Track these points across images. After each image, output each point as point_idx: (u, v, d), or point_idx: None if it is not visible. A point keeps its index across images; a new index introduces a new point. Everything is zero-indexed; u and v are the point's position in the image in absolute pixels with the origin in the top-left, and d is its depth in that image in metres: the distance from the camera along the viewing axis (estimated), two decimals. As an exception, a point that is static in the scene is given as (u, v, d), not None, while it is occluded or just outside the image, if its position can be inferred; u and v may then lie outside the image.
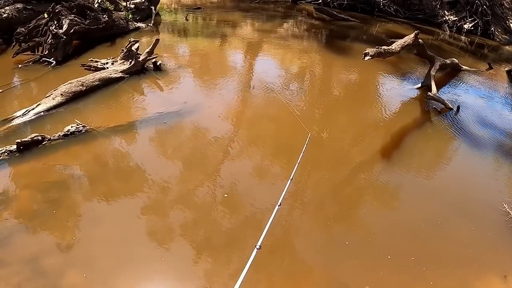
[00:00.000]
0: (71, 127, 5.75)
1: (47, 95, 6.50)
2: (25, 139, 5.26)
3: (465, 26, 15.77)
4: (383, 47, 7.16)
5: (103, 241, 4.16)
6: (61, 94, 6.55)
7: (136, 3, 11.84)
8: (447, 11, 16.41)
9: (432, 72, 8.90)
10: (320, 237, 4.61)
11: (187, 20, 13.14)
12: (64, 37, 8.28)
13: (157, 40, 8.38)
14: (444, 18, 16.23)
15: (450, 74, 10.33)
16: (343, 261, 4.29)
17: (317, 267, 4.20)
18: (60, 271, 3.76)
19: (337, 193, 5.43)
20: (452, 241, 4.75)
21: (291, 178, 4.14)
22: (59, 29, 8.31)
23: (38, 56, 8.17)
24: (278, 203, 3.41)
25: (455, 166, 6.59)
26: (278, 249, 4.27)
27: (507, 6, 16.57)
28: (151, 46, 8.29)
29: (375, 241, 4.59)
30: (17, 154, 5.21)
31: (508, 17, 16.33)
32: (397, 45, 7.73)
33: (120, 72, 7.75)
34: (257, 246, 2.72)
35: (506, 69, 11.52)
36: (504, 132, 7.78)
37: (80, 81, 6.92)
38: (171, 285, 3.91)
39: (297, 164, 4.56)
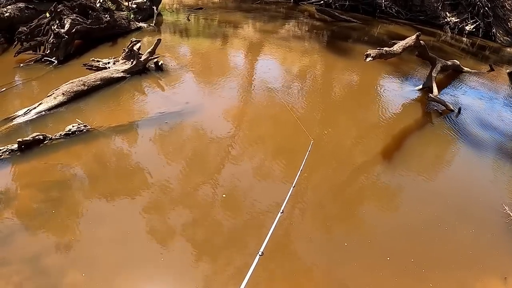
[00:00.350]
0: (73, 126, 5.76)
1: (49, 95, 6.50)
2: (26, 138, 5.26)
3: (467, 28, 15.78)
4: (385, 48, 7.17)
5: (104, 240, 4.17)
6: (63, 94, 6.56)
7: (138, 3, 11.85)
8: (449, 12, 16.42)
9: (434, 74, 8.90)
10: (320, 238, 4.61)
11: (188, 20, 13.15)
12: (66, 36, 8.28)
13: (159, 40, 8.39)
14: (445, 20, 16.24)
15: (452, 75, 10.34)
16: (343, 262, 4.29)
17: (317, 268, 4.21)
18: (60, 270, 3.76)
19: (337, 194, 5.43)
20: (452, 243, 4.75)
21: (293, 185, 4.08)
22: (61, 28, 8.32)
23: (40, 55, 8.17)
24: (281, 210, 3.35)
25: (456, 168, 6.59)
26: (278, 250, 4.27)
27: (509, 8, 16.57)
28: (153, 46, 8.30)
29: (374, 242, 4.59)
30: (18, 153, 5.21)
31: (510, 19, 16.33)
32: (398, 46, 7.73)
33: (122, 72, 7.76)
34: (259, 253, 2.71)
35: (507, 71, 11.52)
36: (505, 134, 7.78)
37: (81, 80, 6.93)
38: (170, 285, 3.91)
39: (299, 171, 4.52)
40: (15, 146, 5.22)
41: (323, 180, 5.62)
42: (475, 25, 15.77)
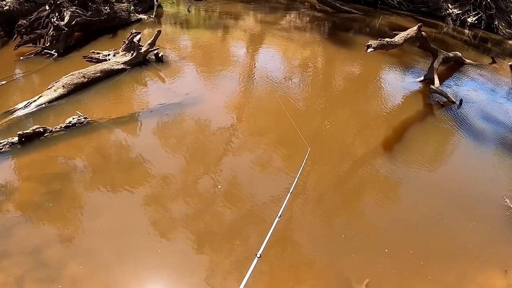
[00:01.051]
0: (73, 118, 5.75)
1: (49, 87, 6.49)
2: (26, 131, 5.26)
3: (469, 20, 15.68)
4: (386, 39, 7.13)
5: (104, 232, 4.18)
6: (63, 86, 6.55)
7: (138, -6, 11.78)
8: (451, 4, 16.31)
9: (435, 65, 8.86)
10: (319, 231, 4.62)
11: (189, 11, 13.08)
12: (66, 29, 8.25)
13: (159, 32, 8.36)
14: (447, 11, 16.14)
15: (453, 67, 10.30)
16: (342, 254, 4.30)
17: (316, 260, 4.21)
18: (61, 262, 3.78)
19: (337, 187, 5.43)
20: (452, 235, 4.76)
21: (290, 192, 4.10)
22: (61, 21, 8.28)
23: (40, 48, 8.15)
24: (278, 215, 3.39)
25: (457, 160, 6.58)
26: (278, 242, 4.28)
27: (511, 0, 16.44)
28: (153, 37, 8.26)
29: (372, 234, 4.59)
30: (18, 146, 5.22)
31: (513, 11, 16.22)
32: (400, 37, 7.69)
33: (122, 63, 7.74)
34: (258, 255, 2.71)
35: (509, 63, 11.47)
36: (507, 126, 7.76)
37: (81, 72, 6.92)
38: (169, 277, 3.92)
39: (296, 178, 4.52)
40: (16, 139, 5.22)
41: (323, 173, 5.62)
42: (477, 17, 15.66)
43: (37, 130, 5.36)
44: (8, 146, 5.16)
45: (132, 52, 7.99)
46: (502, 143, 7.07)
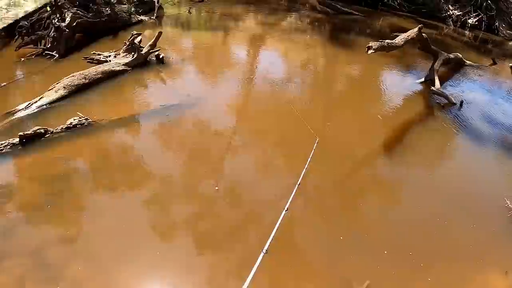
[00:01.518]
0: (74, 120, 5.75)
1: (50, 88, 6.50)
2: (27, 132, 5.27)
3: (469, 21, 15.66)
4: (387, 40, 7.13)
5: (105, 233, 4.18)
6: (64, 87, 6.55)
7: (139, -4, 11.78)
8: (451, 5, 16.29)
9: (436, 67, 8.86)
10: (318, 232, 4.61)
11: (190, 13, 13.08)
12: (67, 30, 8.25)
13: (160, 33, 8.36)
14: (448, 13, 16.11)
15: (454, 69, 10.28)
16: (341, 255, 4.29)
17: (316, 261, 4.22)
18: (61, 263, 3.78)
19: (337, 187, 5.43)
20: (452, 237, 4.75)
21: (298, 184, 4.03)
22: (62, 22, 8.29)
23: (41, 49, 8.15)
24: (285, 208, 3.34)
25: (457, 161, 6.58)
26: (278, 242, 4.26)
27: (512, 1, 16.43)
28: (154, 39, 8.27)
29: (371, 236, 4.58)
30: (19, 147, 5.22)
31: (513, 12, 16.20)
32: (400, 39, 7.69)
33: (123, 65, 7.74)
34: (264, 251, 2.70)
35: (510, 64, 11.45)
36: (507, 128, 7.74)
37: (82, 74, 6.92)
38: (169, 277, 3.92)
39: (304, 169, 4.45)
40: (17, 139, 5.23)
41: (323, 173, 5.61)
42: (477, 18, 15.65)
43: (38, 131, 5.37)
44: (9, 147, 5.17)
45: (133, 53, 8.00)
46: (502, 144, 7.06)
